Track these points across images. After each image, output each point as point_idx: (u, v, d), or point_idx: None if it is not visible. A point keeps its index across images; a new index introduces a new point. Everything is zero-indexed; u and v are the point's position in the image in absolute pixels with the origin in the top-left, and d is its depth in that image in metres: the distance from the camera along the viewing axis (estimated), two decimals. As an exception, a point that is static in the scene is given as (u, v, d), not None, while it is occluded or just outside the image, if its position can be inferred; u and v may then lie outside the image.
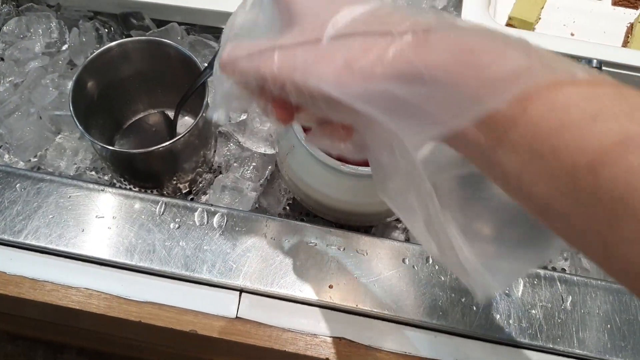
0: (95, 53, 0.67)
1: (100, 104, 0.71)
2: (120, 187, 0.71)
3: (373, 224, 0.73)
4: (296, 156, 0.65)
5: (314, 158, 0.61)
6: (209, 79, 0.66)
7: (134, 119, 0.79)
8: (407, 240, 0.71)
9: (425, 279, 0.61)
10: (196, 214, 0.64)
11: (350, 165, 0.60)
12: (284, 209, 0.74)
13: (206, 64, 0.67)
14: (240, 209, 0.71)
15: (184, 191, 0.75)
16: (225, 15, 0.76)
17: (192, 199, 0.76)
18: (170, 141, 0.63)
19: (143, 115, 0.79)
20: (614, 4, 0.83)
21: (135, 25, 0.80)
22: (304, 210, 0.75)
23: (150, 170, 0.70)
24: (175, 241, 0.62)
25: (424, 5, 0.80)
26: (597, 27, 0.81)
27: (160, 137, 0.75)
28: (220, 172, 0.77)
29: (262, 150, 0.75)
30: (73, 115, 0.64)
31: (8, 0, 0.81)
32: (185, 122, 0.78)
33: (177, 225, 0.63)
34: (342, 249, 0.63)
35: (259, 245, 0.63)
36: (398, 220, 0.73)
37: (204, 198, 0.76)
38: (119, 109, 0.76)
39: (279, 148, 0.69)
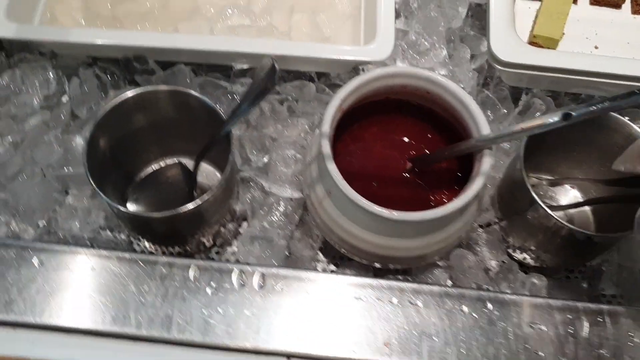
0: (108, 105, 0.61)
1: (112, 157, 0.66)
2: (144, 252, 0.66)
3: (412, 266, 0.69)
4: (335, 201, 0.61)
5: (356, 204, 0.57)
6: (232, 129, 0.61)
7: (146, 170, 0.74)
8: (456, 284, 0.67)
9: (487, 326, 0.57)
10: (233, 276, 0.59)
11: (399, 212, 0.56)
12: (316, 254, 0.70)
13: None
14: (273, 261, 0.67)
15: (207, 245, 0.70)
16: (233, 55, 0.74)
17: (217, 253, 0.71)
18: (198, 201, 0.58)
19: (157, 167, 0.74)
20: (634, 12, 0.81)
21: (138, 70, 0.75)
22: (337, 254, 0.71)
23: (173, 230, 0.65)
24: (213, 308, 0.57)
25: (440, 28, 0.77)
26: (620, 38, 0.79)
27: (178, 190, 0.70)
28: (244, 220, 0.72)
29: (288, 194, 0.70)
30: (89, 177, 0.59)
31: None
32: (202, 170, 0.73)
33: (213, 291, 0.58)
34: (393, 302, 0.59)
35: (304, 303, 0.59)
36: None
37: (229, 250, 0.71)
38: (131, 161, 0.71)
39: (313, 193, 0.64)
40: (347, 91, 0.61)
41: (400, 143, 0.68)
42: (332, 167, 0.58)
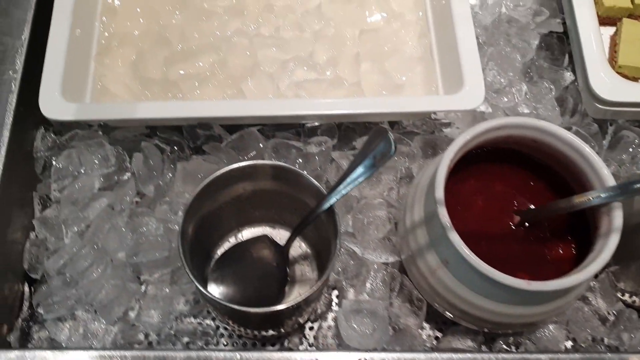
0: (199, 189, 0.56)
1: (196, 236, 0.60)
2: (232, 336, 0.60)
3: (527, 331, 0.64)
4: (453, 271, 0.56)
5: (484, 276, 0.52)
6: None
7: (222, 244, 0.68)
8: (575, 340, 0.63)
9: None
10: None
11: (536, 282, 0.52)
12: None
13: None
14: (379, 335, 0.61)
15: (302, 322, 0.65)
16: (307, 117, 0.69)
17: (311, 328, 0.66)
18: (310, 291, 0.53)
19: (234, 240, 0.68)
20: None
21: (201, 136, 0.69)
22: (441, 318, 0.66)
23: (271, 320, 0.60)
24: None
25: (517, 64, 0.73)
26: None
27: (266, 265, 0.64)
28: (334, 289, 0.67)
29: (383, 259, 0.65)
30: (187, 268, 0.53)
31: (47, 130, 0.69)
32: (280, 235, 0.68)
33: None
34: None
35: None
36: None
37: (325, 325, 0.66)
38: (210, 237, 0.66)
39: (422, 261, 0.59)
40: (454, 151, 0.57)
41: (501, 195, 0.63)
42: (456, 239, 0.53)
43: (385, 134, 0.51)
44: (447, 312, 0.61)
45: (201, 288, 0.53)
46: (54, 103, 0.62)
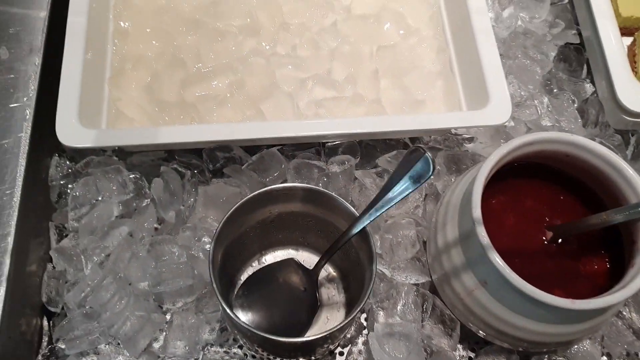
0: (229, 213, 0.55)
1: (221, 262, 0.59)
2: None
3: (562, 349, 0.63)
4: (492, 291, 0.55)
5: (527, 296, 0.51)
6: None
7: (245, 269, 0.66)
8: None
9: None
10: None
11: (580, 301, 0.50)
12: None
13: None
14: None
15: (332, 347, 0.63)
16: (329, 137, 0.68)
17: (341, 353, 0.64)
18: (348, 319, 0.52)
19: (256, 264, 0.67)
20: None
21: (221, 159, 0.67)
22: (474, 338, 0.65)
23: (303, 348, 0.58)
24: None
25: (537, 77, 0.72)
26: None
27: (294, 290, 0.62)
28: (362, 312, 0.65)
29: (414, 280, 0.64)
30: (221, 300, 0.51)
31: (62, 157, 0.67)
32: (304, 257, 0.66)
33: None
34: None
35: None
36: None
37: (355, 350, 0.64)
38: (234, 262, 0.64)
39: (457, 282, 0.58)
40: (489, 168, 0.56)
41: (532, 210, 0.62)
42: (497, 259, 0.52)
43: (423, 154, 0.50)
44: (481, 332, 0.60)
45: (235, 317, 0.51)
46: (71, 130, 0.60)
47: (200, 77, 0.69)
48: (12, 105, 0.61)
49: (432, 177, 0.50)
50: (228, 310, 0.52)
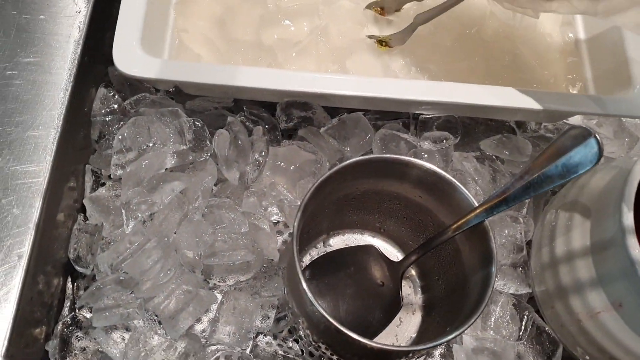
0: (319, 181, 0.44)
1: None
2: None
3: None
4: (627, 315, 0.44)
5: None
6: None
7: (312, 249, 0.56)
8: None
9: None
10: None
11: None
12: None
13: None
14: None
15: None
16: (425, 104, 0.57)
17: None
18: (449, 335, 0.41)
19: (322, 245, 0.56)
20: None
21: (296, 117, 0.56)
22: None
23: (384, 355, 0.47)
24: None
25: None
26: None
27: (371, 283, 0.52)
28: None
29: (512, 290, 0.54)
30: (305, 287, 0.41)
31: (109, 90, 0.56)
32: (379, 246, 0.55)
33: None
34: None
35: None
36: None
37: (434, 362, 0.54)
38: (301, 241, 0.53)
39: (577, 300, 0.48)
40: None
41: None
42: (652, 279, 0.41)
43: (590, 137, 0.39)
44: (582, 353, 0.50)
45: (315, 303, 0.41)
46: (131, 56, 0.48)
47: (281, 17, 0.58)
48: (62, 17, 0.50)
49: (593, 167, 0.39)
50: (310, 294, 0.41)
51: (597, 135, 0.39)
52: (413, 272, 0.57)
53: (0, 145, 0.46)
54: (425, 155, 0.56)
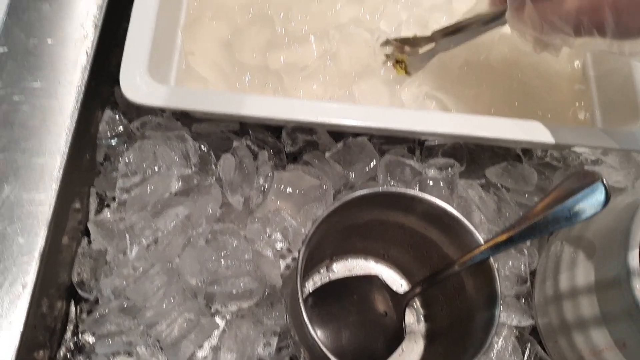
0: (326, 214, 0.44)
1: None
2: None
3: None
4: (630, 355, 0.45)
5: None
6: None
7: (315, 275, 0.56)
8: None
9: None
10: None
11: None
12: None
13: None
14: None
15: (408, 386, 0.53)
16: (432, 134, 0.56)
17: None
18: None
19: (325, 272, 0.56)
20: None
21: (301, 141, 0.56)
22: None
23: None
24: None
25: None
26: None
27: (374, 313, 0.52)
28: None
29: (515, 322, 0.53)
30: (306, 320, 0.41)
31: (115, 112, 0.56)
32: (381, 272, 0.55)
33: None
34: None
35: None
36: None
37: (434, 392, 0.53)
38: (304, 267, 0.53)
39: (580, 336, 0.47)
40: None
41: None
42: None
43: (597, 181, 0.39)
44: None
45: (322, 347, 0.41)
46: (139, 83, 0.48)
47: (289, 41, 0.58)
48: (69, 41, 0.50)
49: (600, 211, 0.39)
50: (311, 330, 0.41)
51: (604, 181, 0.38)
52: (417, 300, 0.57)
53: (7, 172, 0.46)
54: (431, 183, 0.56)
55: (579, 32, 0.41)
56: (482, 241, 0.44)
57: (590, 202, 0.39)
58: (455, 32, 0.56)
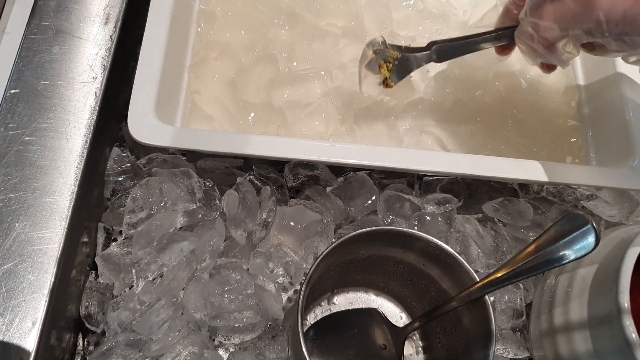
0: (327, 250, 0.45)
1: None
2: None
3: None
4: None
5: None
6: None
7: (316, 307, 0.57)
8: None
9: None
10: None
11: None
12: None
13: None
14: None
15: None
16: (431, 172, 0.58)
17: None
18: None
19: (326, 304, 0.58)
20: None
21: (303, 176, 0.58)
22: None
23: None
24: None
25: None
26: None
27: (371, 343, 0.53)
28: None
29: (511, 354, 0.55)
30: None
31: (122, 149, 0.57)
32: (377, 303, 0.57)
33: None
34: None
35: None
36: None
37: None
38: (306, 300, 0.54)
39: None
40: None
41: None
42: (647, 361, 0.42)
43: (587, 225, 0.40)
44: None
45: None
46: (146, 124, 0.50)
47: (292, 79, 0.60)
48: (78, 83, 0.52)
49: (591, 252, 0.40)
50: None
51: (594, 225, 0.40)
52: (415, 332, 0.58)
53: (18, 211, 0.47)
54: (429, 218, 0.57)
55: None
56: (477, 278, 0.46)
57: (581, 244, 0.40)
58: (453, 43, 0.55)
